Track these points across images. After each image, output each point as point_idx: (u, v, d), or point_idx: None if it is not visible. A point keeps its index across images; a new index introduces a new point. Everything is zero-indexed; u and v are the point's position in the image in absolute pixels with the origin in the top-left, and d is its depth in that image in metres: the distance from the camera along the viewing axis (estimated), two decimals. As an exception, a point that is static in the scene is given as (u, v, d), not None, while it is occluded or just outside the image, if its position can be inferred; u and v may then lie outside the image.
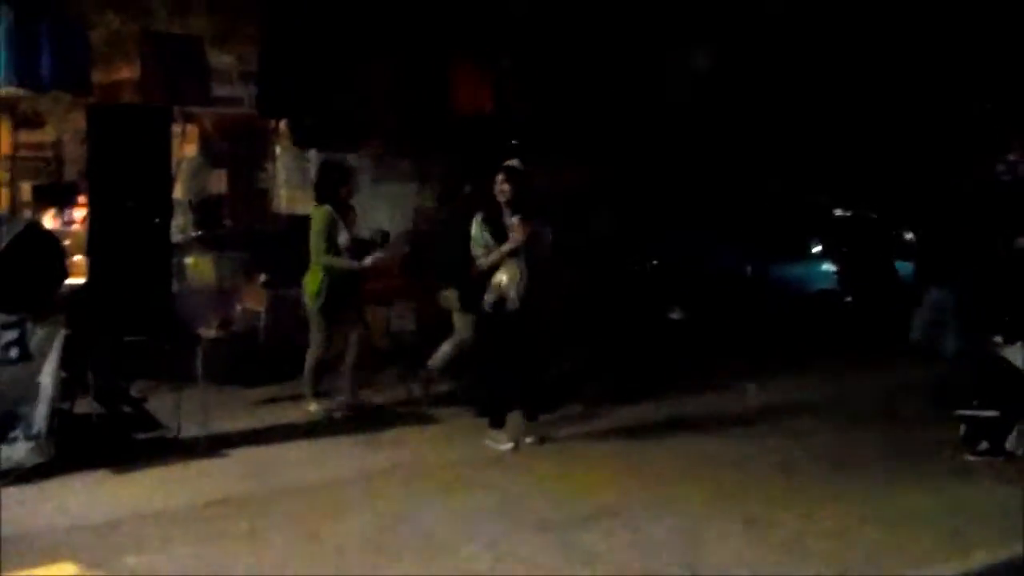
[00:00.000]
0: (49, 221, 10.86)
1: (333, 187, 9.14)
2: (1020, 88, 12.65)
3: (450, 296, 9.22)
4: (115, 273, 7.77)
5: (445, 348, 9.34)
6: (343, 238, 8.97)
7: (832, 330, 13.44)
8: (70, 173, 12.17)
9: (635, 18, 12.48)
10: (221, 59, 11.16)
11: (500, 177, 8.14)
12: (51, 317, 7.33)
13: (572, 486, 7.10)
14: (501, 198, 8.14)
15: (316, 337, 9.10)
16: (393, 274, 10.40)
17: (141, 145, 7.85)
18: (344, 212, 9.10)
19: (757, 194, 15.61)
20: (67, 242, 9.57)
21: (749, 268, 15.96)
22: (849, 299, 15.41)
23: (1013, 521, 6.28)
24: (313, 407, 9.10)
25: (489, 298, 8.16)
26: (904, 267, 15.19)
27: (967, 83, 13.26)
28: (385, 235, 10.01)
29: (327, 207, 9.01)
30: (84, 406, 7.69)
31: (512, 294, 8.03)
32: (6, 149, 12.01)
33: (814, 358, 11.70)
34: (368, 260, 9.08)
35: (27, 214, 11.58)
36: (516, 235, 8.01)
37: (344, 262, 8.98)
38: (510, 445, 8.09)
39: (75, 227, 11.01)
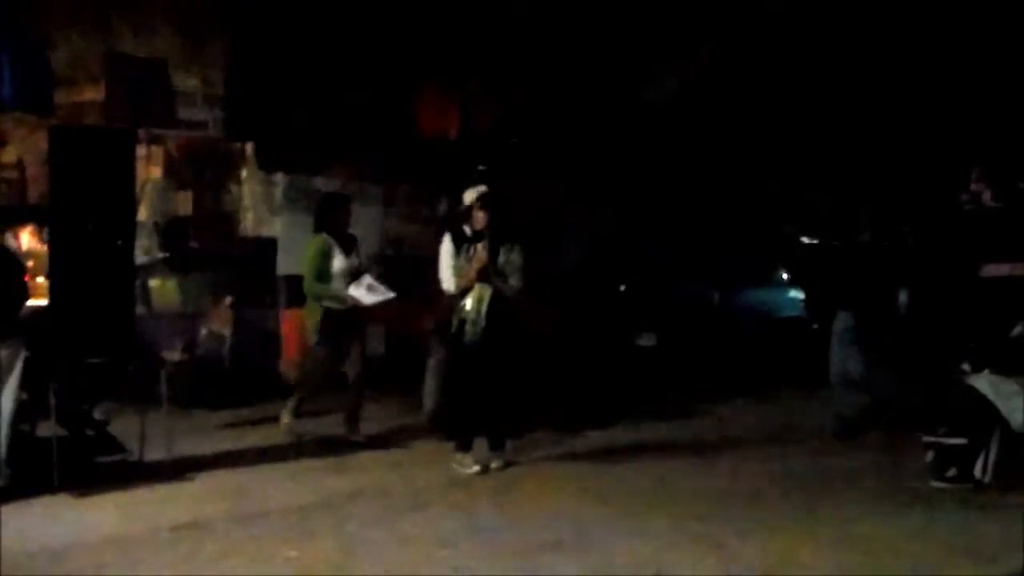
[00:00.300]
0: (28, 239, 10.72)
1: (331, 216, 9.01)
2: (982, 118, 12.79)
3: None
4: (77, 295, 7.64)
5: None
6: (339, 265, 8.80)
7: (799, 357, 13.44)
8: (33, 194, 12.05)
9: (603, 47, 12.51)
10: (187, 82, 11.12)
11: (476, 204, 8.13)
12: (11, 339, 7.21)
13: (539, 511, 7.03)
14: (477, 225, 8.12)
15: (312, 370, 9.00)
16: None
17: (104, 167, 7.74)
18: (344, 242, 8.94)
19: (726, 220, 15.66)
20: (30, 263, 9.50)
21: (716, 295, 15.98)
22: (816, 326, 15.44)
23: (978, 548, 6.28)
24: (286, 420, 8.97)
25: (454, 321, 8.14)
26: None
27: (933, 113, 13.38)
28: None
29: (323, 235, 8.89)
30: (46, 429, 7.56)
31: (474, 318, 8.01)
32: (-33, 169, 11.90)
33: (782, 384, 11.73)
34: (366, 298, 8.77)
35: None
36: (475, 261, 8.01)
37: (330, 291, 8.78)
38: (476, 468, 8.04)
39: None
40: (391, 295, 8.89)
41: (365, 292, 8.79)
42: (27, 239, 10.76)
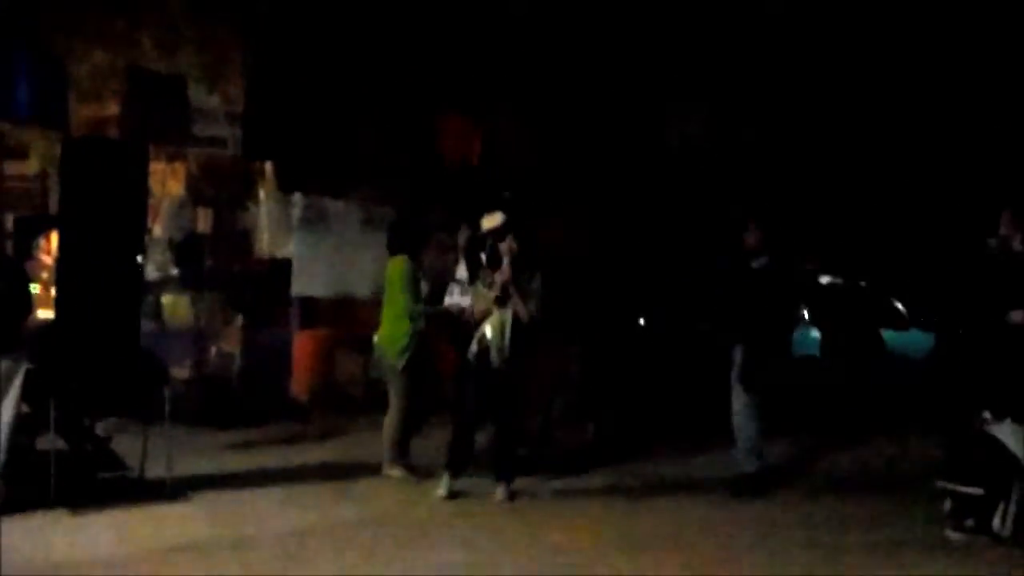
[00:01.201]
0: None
1: (408, 238, 8.70)
2: (1010, 161, 12.65)
3: None
4: (83, 308, 7.54)
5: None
6: (424, 287, 8.55)
7: (814, 397, 13.20)
8: (55, 204, 12.05)
9: (635, 74, 12.44)
10: (208, 99, 11.08)
11: (508, 235, 8.01)
12: (13, 350, 7.11)
13: (543, 547, 6.86)
14: (507, 256, 7.98)
15: (399, 402, 8.46)
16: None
17: (116, 180, 7.65)
18: (418, 264, 8.64)
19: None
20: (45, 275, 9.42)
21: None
22: (830, 366, 15.16)
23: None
24: (396, 472, 8.53)
25: (473, 348, 8.01)
26: (891, 336, 15.11)
27: (958, 155, 13.25)
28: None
29: (405, 257, 8.52)
30: (46, 443, 7.43)
31: (499, 344, 7.90)
32: (-10, 180, 11.92)
33: (797, 425, 11.50)
34: (465, 301, 8.43)
35: (9, 245, 11.50)
36: (499, 275, 7.89)
37: (436, 308, 8.50)
38: (443, 492, 7.96)
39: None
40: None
41: (459, 296, 8.57)
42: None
